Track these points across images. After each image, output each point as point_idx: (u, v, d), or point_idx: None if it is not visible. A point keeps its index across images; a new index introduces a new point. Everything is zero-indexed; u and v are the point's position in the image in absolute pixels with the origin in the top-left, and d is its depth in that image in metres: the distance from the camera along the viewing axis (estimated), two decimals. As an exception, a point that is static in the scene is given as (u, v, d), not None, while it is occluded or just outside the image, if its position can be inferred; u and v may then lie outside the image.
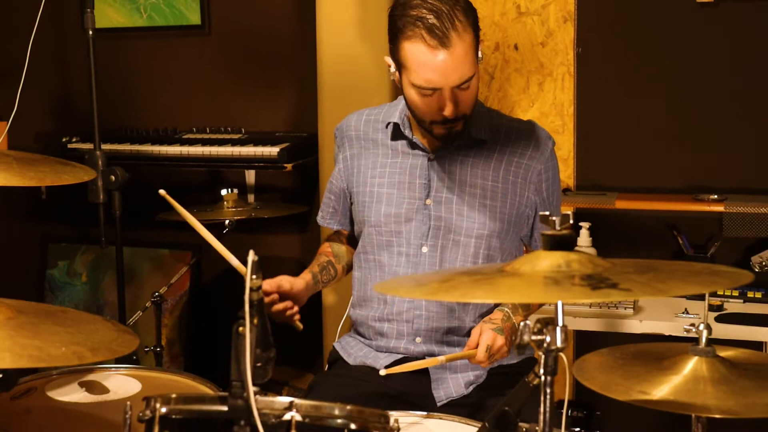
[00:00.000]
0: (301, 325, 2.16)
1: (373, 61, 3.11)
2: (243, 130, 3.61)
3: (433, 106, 2.08)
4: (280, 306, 2.13)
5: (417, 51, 2.02)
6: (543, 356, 1.34)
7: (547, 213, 1.39)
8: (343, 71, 3.17)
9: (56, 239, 4.01)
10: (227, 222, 3.06)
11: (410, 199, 2.25)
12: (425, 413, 1.96)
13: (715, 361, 1.66)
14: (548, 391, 1.36)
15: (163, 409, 1.40)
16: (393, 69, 2.15)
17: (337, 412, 1.39)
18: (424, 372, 2.19)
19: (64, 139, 3.59)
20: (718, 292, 2.87)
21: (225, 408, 1.35)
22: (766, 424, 2.66)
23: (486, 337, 2.03)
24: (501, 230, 2.22)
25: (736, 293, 2.88)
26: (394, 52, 2.09)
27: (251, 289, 1.31)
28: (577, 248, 1.40)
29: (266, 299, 2.10)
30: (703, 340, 1.67)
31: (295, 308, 2.16)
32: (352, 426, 1.40)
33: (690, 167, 3.21)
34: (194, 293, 3.79)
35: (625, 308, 2.73)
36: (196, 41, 3.77)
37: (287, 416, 1.34)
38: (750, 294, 2.88)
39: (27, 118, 3.33)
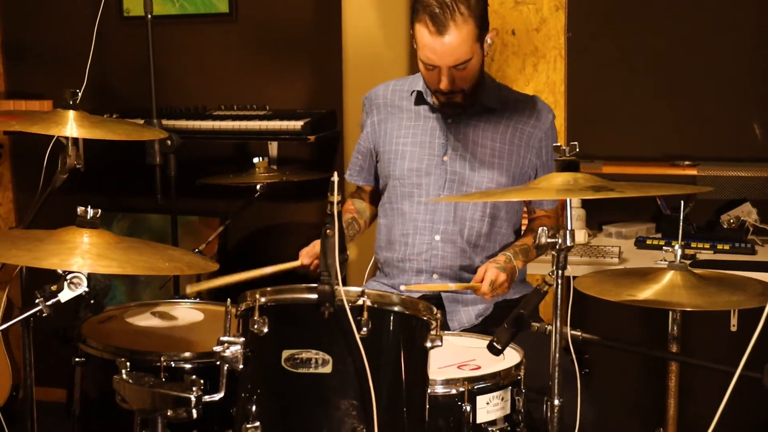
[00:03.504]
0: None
1: (392, 42, 3.39)
2: (267, 107, 3.78)
3: (433, 78, 2.46)
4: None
5: (422, 33, 2.39)
6: (556, 255, 1.74)
7: (558, 144, 1.78)
8: (366, 52, 3.44)
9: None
10: (258, 186, 3.27)
11: (430, 156, 2.60)
12: (447, 331, 2.36)
13: (688, 274, 2.05)
14: (560, 282, 1.76)
15: (263, 299, 1.77)
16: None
17: (395, 299, 1.77)
18: (439, 305, 2.51)
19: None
20: (691, 245, 3.17)
21: (313, 296, 1.69)
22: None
23: (490, 273, 2.39)
24: (506, 184, 2.57)
25: (707, 245, 3.16)
26: (411, 29, 2.46)
27: (333, 204, 1.70)
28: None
29: (311, 266, 2.49)
30: (678, 256, 2.08)
31: None
32: (406, 312, 1.78)
33: (668, 138, 3.54)
34: (222, 258, 3.95)
35: (612, 258, 3.10)
36: (224, 28, 3.95)
37: (360, 301, 1.71)
38: (720, 246, 3.16)
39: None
